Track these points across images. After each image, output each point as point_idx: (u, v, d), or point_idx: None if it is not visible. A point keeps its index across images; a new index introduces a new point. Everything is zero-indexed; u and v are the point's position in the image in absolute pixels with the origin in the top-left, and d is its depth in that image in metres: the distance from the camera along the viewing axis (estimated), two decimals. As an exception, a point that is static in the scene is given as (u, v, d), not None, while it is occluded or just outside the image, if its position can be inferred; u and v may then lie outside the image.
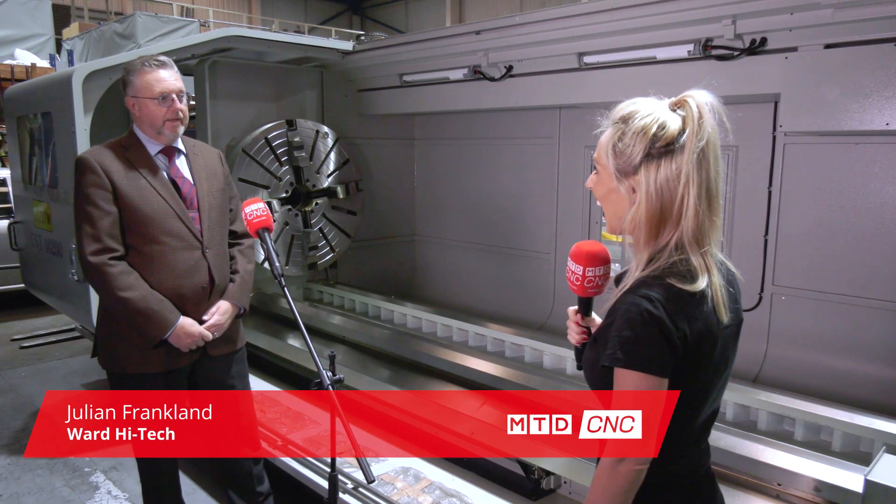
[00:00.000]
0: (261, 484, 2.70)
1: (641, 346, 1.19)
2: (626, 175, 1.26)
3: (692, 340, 1.21)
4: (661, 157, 1.23)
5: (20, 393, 4.95)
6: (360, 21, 23.71)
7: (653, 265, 1.24)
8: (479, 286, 4.87)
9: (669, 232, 1.24)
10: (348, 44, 4.51)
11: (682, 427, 1.29)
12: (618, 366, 1.21)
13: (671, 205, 1.23)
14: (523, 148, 4.52)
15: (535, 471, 2.65)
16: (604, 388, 1.29)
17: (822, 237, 3.15)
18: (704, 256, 1.24)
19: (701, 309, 1.22)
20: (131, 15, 11.98)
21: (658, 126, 1.23)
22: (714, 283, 1.24)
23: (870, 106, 2.49)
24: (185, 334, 2.32)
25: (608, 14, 3.08)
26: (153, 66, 2.33)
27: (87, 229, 2.24)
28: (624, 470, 1.21)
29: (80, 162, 2.29)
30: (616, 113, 1.29)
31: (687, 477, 1.35)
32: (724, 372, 1.33)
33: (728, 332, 1.29)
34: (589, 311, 1.47)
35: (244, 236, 2.64)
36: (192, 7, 17.57)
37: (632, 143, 1.24)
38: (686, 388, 1.24)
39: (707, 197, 1.23)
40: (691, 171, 1.21)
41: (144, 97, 2.31)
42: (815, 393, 2.74)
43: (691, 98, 1.25)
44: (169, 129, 2.35)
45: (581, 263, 1.39)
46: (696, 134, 1.21)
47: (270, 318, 4.36)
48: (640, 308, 1.19)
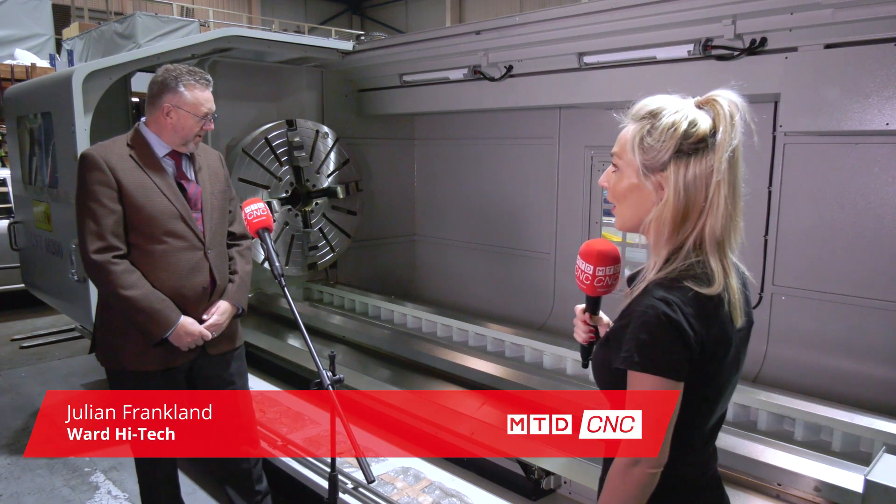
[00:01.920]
0: (259, 483, 2.70)
1: (659, 350, 1.18)
2: (653, 171, 1.24)
3: (709, 344, 1.21)
4: (691, 155, 1.21)
5: (20, 393, 4.95)
6: (360, 21, 23.71)
7: (669, 266, 1.23)
8: (479, 286, 4.87)
9: (689, 229, 1.23)
10: (348, 44, 4.51)
11: (693, 430, 1.28)
12: (633, 369, 1.20)
13: (696, 203, 1.22)
14: (523, 148, 4.52)
15: (535, 471, 2.65)
16: (613, 389, 1.29)
17: (822, 237, 3.15)
18: (723, 259, 1.23)
19: (718, 313, 1.22)
20: (131, 15, 11.96)
21: (689, 123, 1.22)
22: (731, 286, 1.23)
23: (870, 106, 2.49)
24: (185, 333, 2.33)
25: (608, 14, 3.08)
26: (203, 85, 2.36)
27: (90, 227, 2.24)
28: (638, 473, 1.20)
29: (86, 158, 2.28)
30: (641, 108, 1.27)
31: (695, 481, 1.34)
32: (736, 375, 1.32)
33: (741, 335, 1.28)
34: (597, 310, 1.46)
35: (243, 237, 2.65)
36: (192, 7, 17.57)
37: (662, 138, 1.22)
38: (700, 391, 1.23)
39: (734, 197, 1.23)
40: (724, 171, 1.21)
41: (188, 111, 2.33)
42: (815, 393, 2.74)
43: (721, 97, 1.24)
44: (195, 142, 2.41)
45: (591, 262, 1.38)
46: (729, 133, 1.21)
47: (270, 318, 4.36)
48: (657, 311, 1.18)
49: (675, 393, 1.19)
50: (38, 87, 4.32)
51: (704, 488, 1.36)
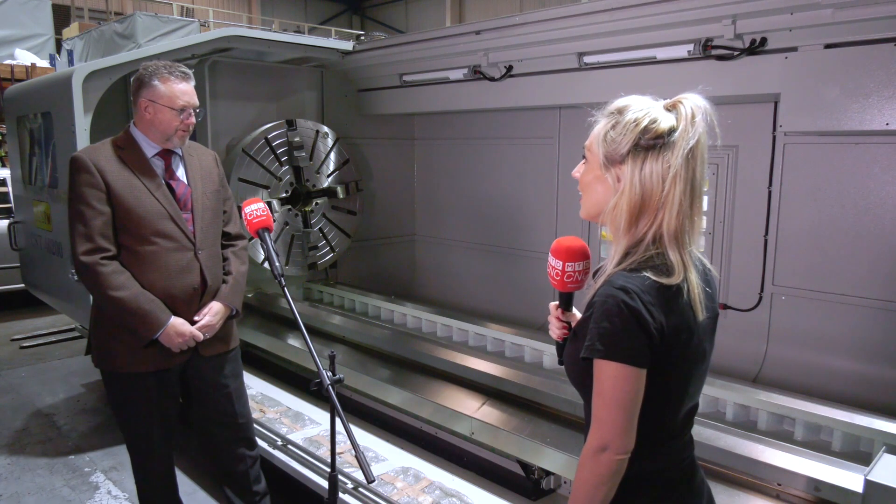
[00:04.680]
0: (258, 483, 2.70)
1: (620, 337, 1.21)
2: (613, 164, 1.30)
3: (669, 332, 1.23)
4: (649, 151, 1.26)
5: (20, 393, 4.95)
6: (360, 21, 23.71)
7: (629, 259, 1.27)
8: (479, 286, 4.87)
9: (647, 224, 1.27)
10: (348, 44, 4.52)
11: (662, 420, 1.31)
12: (597, 357, 1.23)
13: (652, 197, 1.26)
14: (523, 148, 4.52)
15: (535, 471, 2.65)
16: (583, 381, 1.31)
17: (822, 237, 3.15)
18: (682, 253, 1.27)
19: (677, 301, 1.25)
20: (131, 15, 11.95)
21: (650, 120, 1.26)
22: (691, 280, 1.26)
23: (870, 106, 2.49)
24: (175, 334, 2.32)
25: (608, 14, 3.08)
26: (179, 77, 2.34)
27: (79, 229, 2.25)
28: (605, 459, 1.23)
29: (75, 161, 2.29)
30: (611, 106, 1.34)
31: (668, 470, 1.36)
32: (702, 364, 1.35)
33: (704, 325, 1.31)
34: (569, 305, 1.50)
35: (238, 238, 2.64)
36: (192, 7, 17.58)
37: (622, 132, 1.28)
38: (664, 379, 1.26)
39: (691, 195, 1.27)
40: (679, 168, 1.24)
41: (164, 105, 2.31)
42: (815, 393, 2.74)
43: (686, 100, 1.29)
44: (178, 137, 2.38)
45: (560, 258, 1.42)
46: (687, 131, 1.25)
47: (270, 318, 4.36)
48: (617, 300, 1.21)
49: (639, 379, 1.22)
50: (38, 87, 4.32)
51: (679, 479, 1.38)
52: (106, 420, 4.35)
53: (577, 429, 2.69)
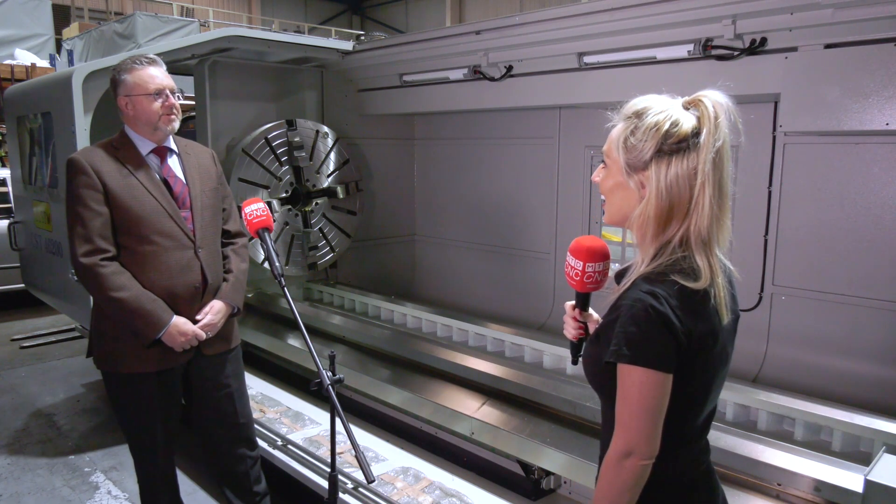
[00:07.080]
0: (258, 484, 2.70)
1: (647, 342, 1.19)
2: (635, 170, 1.26)
3: (696, 337, 1.22)
4: (672, 155, 1.23)
5: (20, 393, 4.95)
6: (360, 21, 23.71)
7: (656, 261, 1.25)
8: (479, 286, 4.87)
9: (675, 228, 1.24)
10: (348, 44, 4.52)
11: (683, 424, 1.29)
12: (623, 362, 1.21)
13: (680, 203, 1.23)
14: (523, 148, 4.52)
15: (535, 471, 2.65)
16: (605, 385, 1.30)
17: (822, 237, 3.15)
18: (710, 258, 1.24)
19: (705, 307, 1.23)
20: (131, 15, 11.96)
21: (671, 123, 1.23)
22: (717, 283, 1.24)
23: (870, 106, 2.49)
24: (178, 333, 2.32)
25: (608, 14, 3.08)
26: (144, 64, 2.34)
27: (78, 230, 2.24)
28: (630, 465, 1.22)
29: (71, 163, 2.29)
30: (629, 108, 1.29)
31: (688, 475, 1.35)
32: (724, 368, 1.33)
33: (727, 329, 1.30)
34: (586, 306, 1.48)
35: (238, 235, 2.63)
36: (192, 7, 17.58)
37: (643, 138, 1.24)
38: (689, 384, 1.25)
39: (720, 197, 1.24)
40: (708, 171, 1.21)
41: (138, 94, 2.31)
42: (815, 393, 2.74)
43: (706, 98, 1.25)
44: (165, 122, 2.35)
45: (581, 259, 1.40)
46: (713, 134, 1.22)
47: (270, 318, 4.36)
48: (645, 304, 1.19)
49: (665, 384, 1.20)
50: (38, 87, 4.32)
51: (698, 482, 1.37)
52: (106, 420, 4.35)
53: (577, 429, 2.69)
